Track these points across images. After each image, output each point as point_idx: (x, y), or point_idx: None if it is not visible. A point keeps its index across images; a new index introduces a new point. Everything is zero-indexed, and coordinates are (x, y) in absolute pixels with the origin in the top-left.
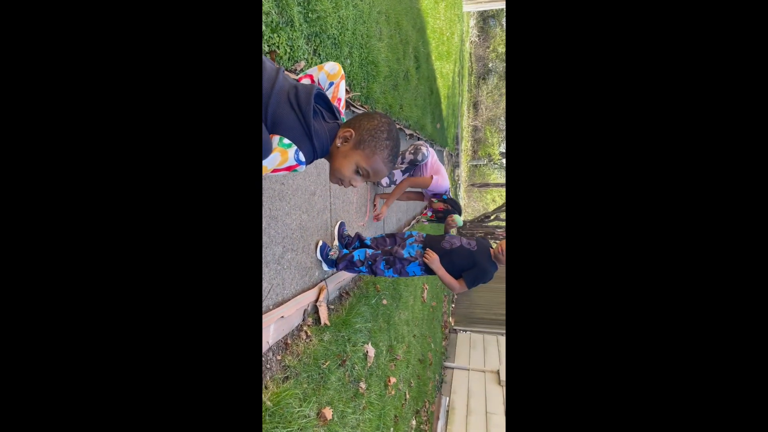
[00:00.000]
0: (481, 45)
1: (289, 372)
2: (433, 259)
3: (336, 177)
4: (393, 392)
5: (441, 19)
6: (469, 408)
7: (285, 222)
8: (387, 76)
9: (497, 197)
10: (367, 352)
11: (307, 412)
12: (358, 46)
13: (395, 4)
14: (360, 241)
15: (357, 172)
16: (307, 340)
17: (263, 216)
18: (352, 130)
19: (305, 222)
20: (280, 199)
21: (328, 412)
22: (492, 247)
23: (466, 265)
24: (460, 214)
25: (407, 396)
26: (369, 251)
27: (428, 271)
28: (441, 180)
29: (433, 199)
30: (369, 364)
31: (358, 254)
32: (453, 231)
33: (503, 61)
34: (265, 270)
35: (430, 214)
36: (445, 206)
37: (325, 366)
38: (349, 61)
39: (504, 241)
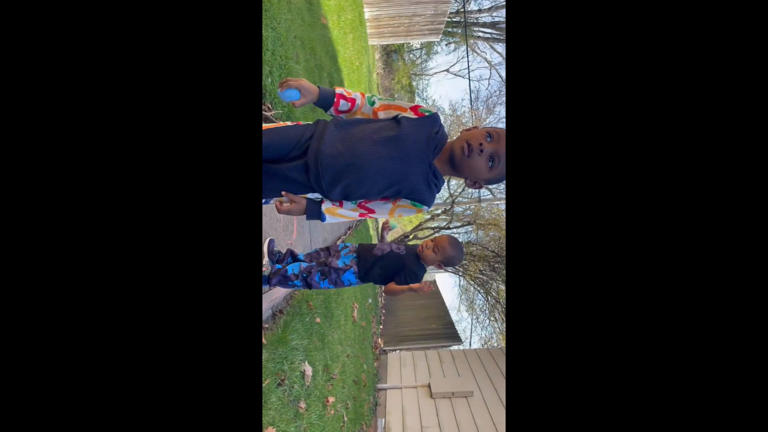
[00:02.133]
0: (387, 77)
1: None
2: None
3: (475, 177)
4: (332, 412)
5: (350, 49)
6: (405, 426)
7: None
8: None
9: (413, 218)
10: (304, 371)
11: None
12: (278, 66)
13: (309, 31)
14: (293, 257)
15: (491, 160)
16: None
17: None
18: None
19: None
20: None
21: None
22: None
23: (396, 269)
24: None
25: (345, 418)
26: (303, 264)
27: (363, 279)
28: None
29: None
30: (307, 384)
31: (291, 268)
32: (388, 235)
33: (408, 92)
34: None
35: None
36: None
37: (264, 385)
38: (270, 80)
39: (425, 241)
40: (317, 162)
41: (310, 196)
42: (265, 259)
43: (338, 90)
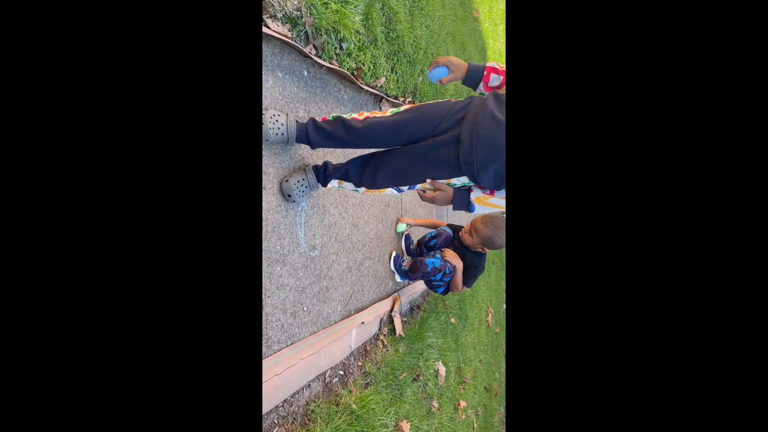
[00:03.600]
0: None
1: (369, 379)
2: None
3: None
4: (463, 417)
5: (500, 41)
6: None
7: (364, 230)
8: (453, 94)
9: None
10: (438, 370)
11: (386, 422)
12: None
13: (460, 25)
14: (426, 248)
15: None
16: (384, 350)
17: (346, 223)
18: None
19: (380, 232)
20: (360, 208)
21: (405, 426)
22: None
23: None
24: None
25: (475, 425)
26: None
27: (444, 293)
28: None
29: None
30: (440, 383)
31: (431, 262)
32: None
33: None
34: (348, 275)
35: None
36: None
37: (401, 378)
38: (420, 79)
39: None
40: (473, 134)
41: (454, 181)
42: (405, 255)
43: (489, 63)
